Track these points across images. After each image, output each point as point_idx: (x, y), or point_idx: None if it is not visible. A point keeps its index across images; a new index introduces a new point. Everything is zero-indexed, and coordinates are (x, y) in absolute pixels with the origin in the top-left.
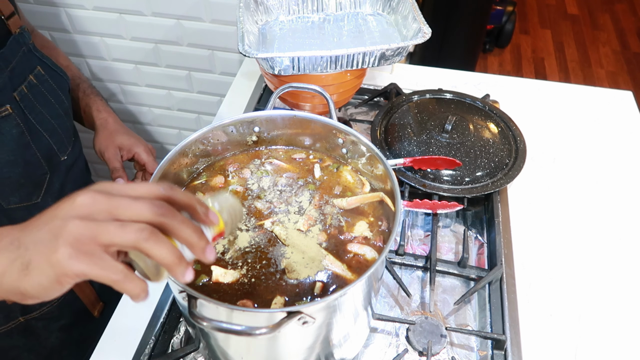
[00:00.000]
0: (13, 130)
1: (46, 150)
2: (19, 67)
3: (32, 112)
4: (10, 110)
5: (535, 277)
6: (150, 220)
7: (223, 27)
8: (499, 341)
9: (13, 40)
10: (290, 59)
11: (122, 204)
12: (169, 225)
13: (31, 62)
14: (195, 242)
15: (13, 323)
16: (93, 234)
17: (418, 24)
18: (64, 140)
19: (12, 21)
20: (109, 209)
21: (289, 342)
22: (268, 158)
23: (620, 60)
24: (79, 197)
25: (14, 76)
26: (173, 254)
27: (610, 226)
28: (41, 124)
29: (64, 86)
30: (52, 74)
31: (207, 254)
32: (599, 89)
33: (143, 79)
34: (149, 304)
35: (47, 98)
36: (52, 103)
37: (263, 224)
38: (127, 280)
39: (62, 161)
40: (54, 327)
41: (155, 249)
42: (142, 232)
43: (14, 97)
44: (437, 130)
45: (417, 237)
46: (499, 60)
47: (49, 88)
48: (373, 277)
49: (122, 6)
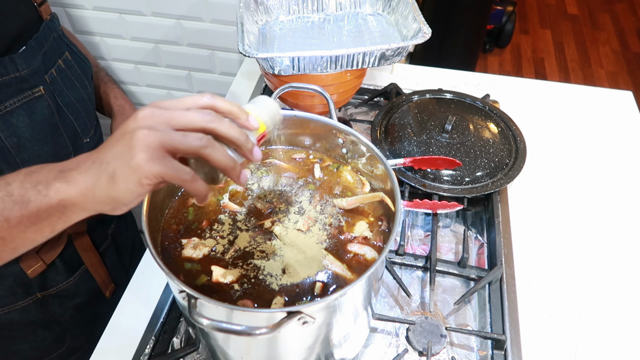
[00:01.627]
0: (45, 110)
1: (71, 132)
2: (50, 51)
3: (60, 95)
4: (43, 91)
5: (535, 277)
6: (201, 127)
7: (223, 27)
8: (499, 341)
9: (45, 26)
10: (290, 59)
11: (176, 115)
12: (218, 129)
13: (61, 47)
14: (242, 143)
15: (31, 299)
16: (161, 141)
17: (418, 24)
18: (87, 123)
19: (44, 8)
20: (167, 120)
21: (289, 342)
22: (268, 158)
23: (620, 60)
24: (140, 112)
25: (46, 59)
26: (229, 159)
27: (610, 226)
28: (67, 107)
29: (88, 72)
30: (78, 60)
31: (254, 154)
32: (599, 89)
33: (143, 79)
34: (149, 304)
35: (73, 82)
36: (77, 87)
37: (263, 224)
38: (195, 180)
39: (85, 143)
40: (68, 305)
41: (214, 154)
42: (201, 140)
43: (46, 79)
44: (437, 130)
45: (417, 237)
46: (499, 60)
47: (75, 73)
48: (373, 277)
49: (122, 6)
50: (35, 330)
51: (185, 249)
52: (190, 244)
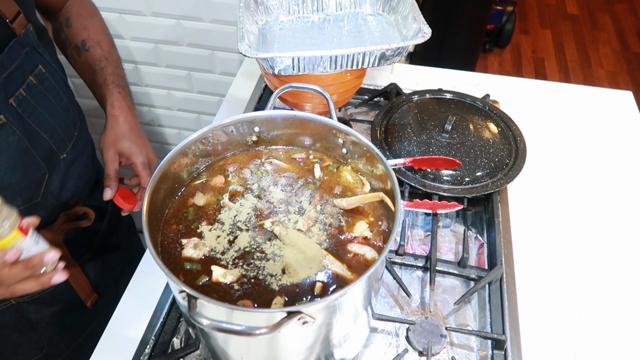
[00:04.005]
0: (10, 137)
1: (45, 151)
2: (18, 70)
3: (31, 116)
4: (5, 119)
5: (535, 277)
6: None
7: (223, 27)
8: (499, 341)
9: (15, 44)
10: (290, 59)
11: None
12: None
13: (34, 61)
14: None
15: (5, 304)
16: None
17: (418, 24)
18: (64, 138)
19: (18, 22)
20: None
21: (289, 342)
22: (268, 158)
23: (620, 60)
24: None
25: (11, 81)
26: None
27: (610, 226)
28: (41, 126)
29: (63, 81)
30: (52, 71)
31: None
32: (599, 89)
33: (143, 79)
34: (149, 304)
35: (46, 98)
36: (51, 102)
37: (263, 224)
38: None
39: (62, 159)
40: (45, 313)
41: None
42: None
43: (11, 103)
44: (437, 130)
45: (417, 237)
46: (499, 60)
47: (49, 86)
48: (373, 277)
49: (122, 6)
50: (9, 336)
51: (185, 249)
52: (190, 244)
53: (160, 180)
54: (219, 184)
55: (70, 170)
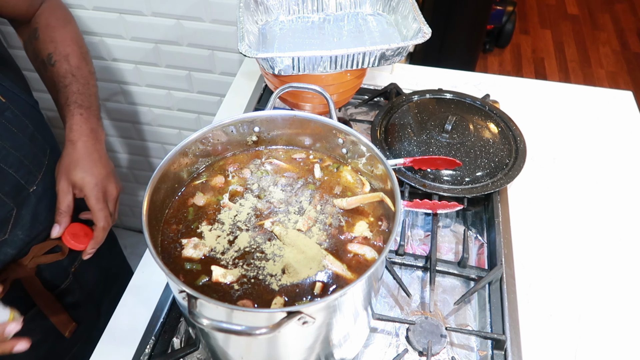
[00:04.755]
0: None
1: (12, 187)
2: None
3: None
4: None
5: (535, 277)
6: None
7: (223, 27)
8: (499, 341)
9: None
10: (290, 59)
11: None
12: None
13: None
14: None
15: None
16: None
17: (418, 24)
18: (32, 170)
19: None
20: None
21: (289, 342)
22: (268, 158)
23: (620, 60)
24: None
25: None
26: None
27: (610, 226)
28: (5, 161)
29: (28, 105)
30: (14, 99)
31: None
32: (599, 89)
33: (143, 79)
34: (149, 304)
35: (9, 129)
36: (15, 133)
37: (263, 224)
38: None
39: (32, 192)
40: None
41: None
42: None
43: None
44: (437, 130)
45: (417, 237)
46: (499, 60)
47: (11, 116)
48: (373, 277)
49: (122, 6)
50: None
51: (185, 249)
52: (190, 244)
53: (160, 180)
54: (219, 184)
55: (42, 203)
